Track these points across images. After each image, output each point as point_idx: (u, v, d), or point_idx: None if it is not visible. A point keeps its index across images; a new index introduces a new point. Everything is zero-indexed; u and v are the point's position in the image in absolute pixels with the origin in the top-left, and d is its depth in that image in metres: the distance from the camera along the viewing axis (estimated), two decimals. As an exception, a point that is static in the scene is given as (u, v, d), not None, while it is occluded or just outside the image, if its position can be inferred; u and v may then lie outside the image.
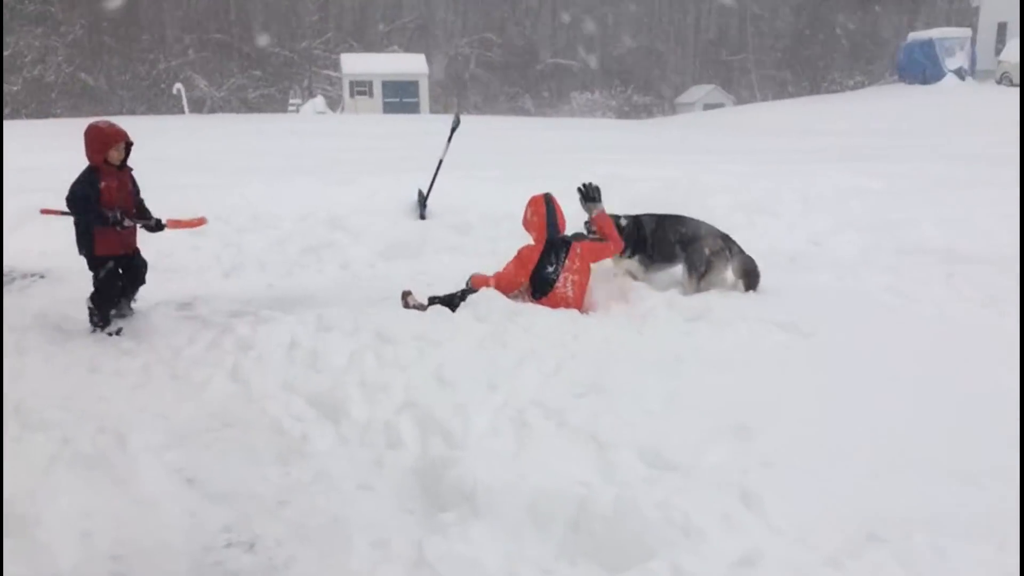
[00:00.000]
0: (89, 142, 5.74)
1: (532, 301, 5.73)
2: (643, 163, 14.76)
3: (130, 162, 5.99)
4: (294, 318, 6.04)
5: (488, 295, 5.58)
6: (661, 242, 6.36)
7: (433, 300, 6.08)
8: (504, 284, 5.69)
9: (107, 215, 5.75)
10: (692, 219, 6.57)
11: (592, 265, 5.96)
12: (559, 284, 5.70)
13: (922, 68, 36.18)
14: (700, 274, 6.20)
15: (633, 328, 5.23)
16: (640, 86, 62.42)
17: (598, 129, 26.87)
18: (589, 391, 4.32)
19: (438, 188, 9.68)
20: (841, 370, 4.50)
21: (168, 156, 16.06)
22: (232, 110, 51.52)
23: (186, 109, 37.56)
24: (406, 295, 6.26)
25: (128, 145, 5.97)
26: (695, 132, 26.13)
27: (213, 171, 13.70)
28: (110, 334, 5.87)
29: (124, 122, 6.58)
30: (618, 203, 10.60)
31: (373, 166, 13.08)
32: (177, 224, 6.31)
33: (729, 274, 6.28)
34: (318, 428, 4.24)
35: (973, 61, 36.49)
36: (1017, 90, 30.37)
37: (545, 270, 5.75)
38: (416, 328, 5.21)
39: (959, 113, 25.37)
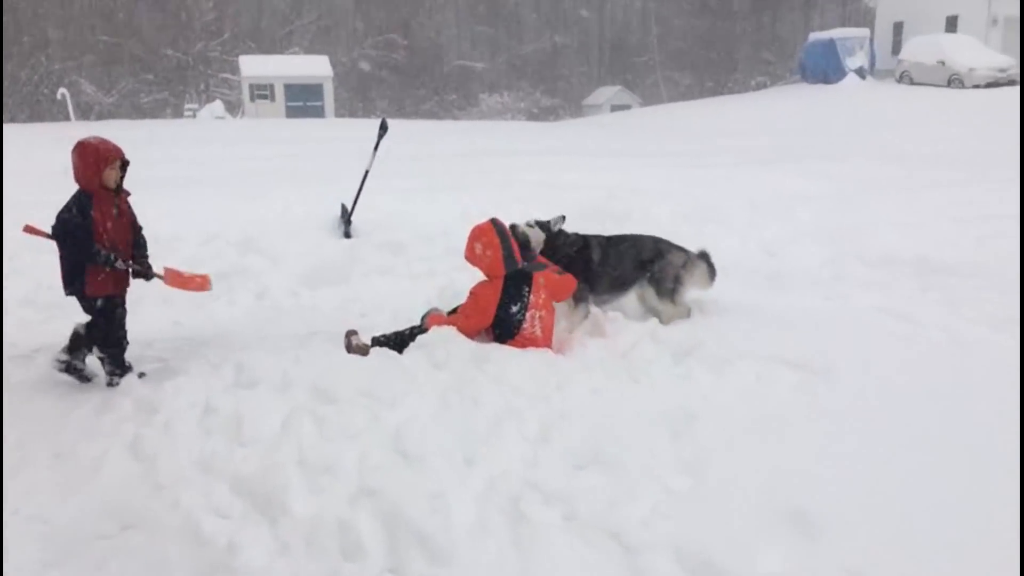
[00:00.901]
0: (80, 162, 4.83)
1: (493, 340, 4.89)
2: (572, 169, 14.10)
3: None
4: (208, 367, 5.04)
5: (445, 335, 4.70)
6: (614, 268, 5.59)
7: (377, 341, 5.17)
8: (465, 330, 4.80)
9: (99, 253, 4.82)
10: (642, 236, 5.85)
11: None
12: (526, 325, 4.85)
13: (824, 68, 36.83)
14: (672, 292, 5.48)
15: (621, 372, 4.43)
16: (548, 88, 62.15)
17: (513, 132, 26.16)
18: (591, 463, 3.50)
19: (360, 202, 8.71)
20: (889, 424, 3.76)
21: (50, 168, 14.55)
22: (123, 116, 48.70)
23: (72, 116, 35.07)
24: (350, 335, 5.33)
25: (124, 164, 5.01)
26: (611, 135, 25.69)
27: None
28: (140, 375, 5.12)
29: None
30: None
31: (285, 177, 11.98)
32: (178, 279, 5.32)
33: (700, 282, 5.61)
34: (249, 530, 3.29)
35: (872, 60, 37.34)
36: (919, 88, 31.26)
37: (508, 310, 4.82)
38: (362, 381, 4.29)
39: (869, 111, 25.69)
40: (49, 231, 4.91)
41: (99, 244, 4.86)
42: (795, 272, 7.65)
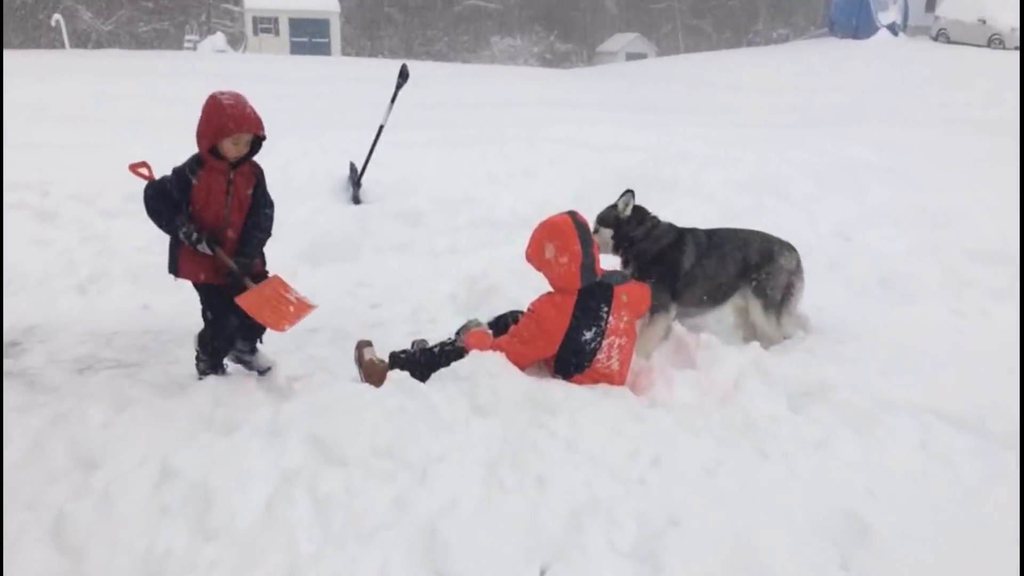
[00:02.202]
0: (201, 120, 3.84)
1: (553, 374, 3.70)
2: (602, 124, 12.76)
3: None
4: (174, 390, 3.89)
5: (490, 364, 3.51)
6: (714, 273, 4.37)
7: (397, 360, 3.99)
8: (518, 360, 3.61)
9: (179, 225, 3.85)
10: (748, 232, 4.63)
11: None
12: (601, 356, 3.68)
13: (854, 21, 35.03)
14: (779, 307, 4.29)
15: (735, 435, 3.24)
16: (562, 33, 59.94)
17: (532, 79, 24.62)
18: (724, 608, 2.35)
19: (372, 159, 7.45)
20: None
21: (41, 100, 13.24)
22: (121, 46, 46.83)
23: (67, 43, 33.39)
24: (362, 348, 4.15)
25: (257, 139, 3.96)
26: (632, 85, 24.15)
27: (87, 122, 11.05)
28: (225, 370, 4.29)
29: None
30: (599, 184, 8.66)
31: (287, 122, 10.64)
32: (270, 303, 4.01)
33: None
34: None
35: (906, 16, 35.56)
36: (957, 47, 29.60)
37: (581, 337, 3.59)
38: (380, 432, 3.12)
39: (908, 71, 24.15)
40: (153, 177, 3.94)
41: (193, 221, 3.88)
42: (879, 261, 6.46)
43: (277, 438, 3.18)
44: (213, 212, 3.88)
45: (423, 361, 3.88)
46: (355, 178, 7.33)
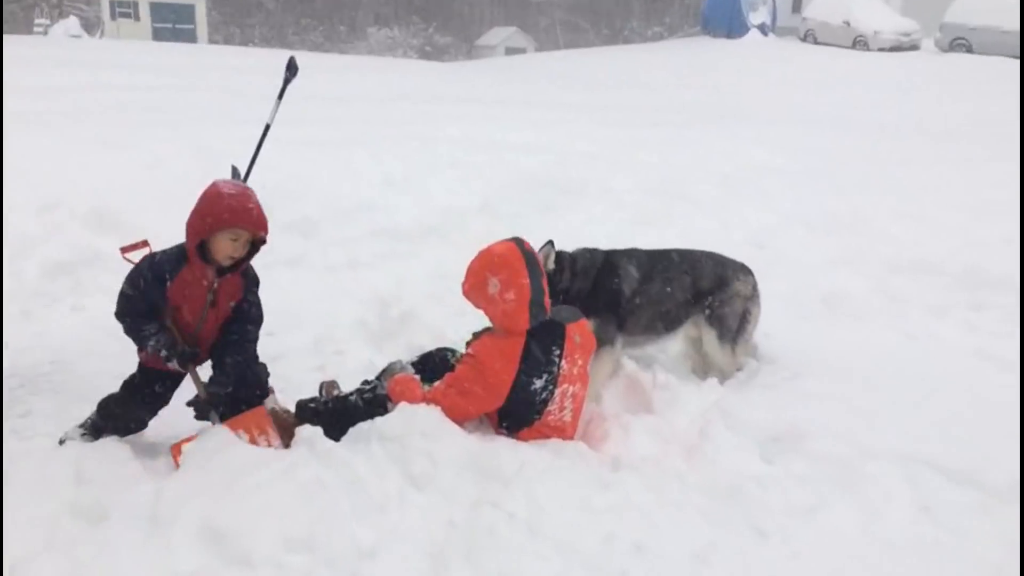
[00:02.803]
0: (195, 209, 3.18)
1: (497, 429, 3.16)
2: (496, 121, 12.27)
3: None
4: (20, 455, 3.14)
5: (422, 422, 2.94)
6: (659, 301, 3.92)
7: (306, 410, 3.36)
8: (456, 414, 3.04)
9: (146, 336, 3.20)
10: (696, 253, 4.16)
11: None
12: (553, 407, 3.11)
13: (727, 21, 35.91)
14: (735, 337, 3.89)
15: (722, 503, 2.77)
16: (440, 24, 59.14)
17: (414, 72, 23.90)
18: None
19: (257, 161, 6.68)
20: None
21: None
22: (-40, 27, 42.99)
23: None
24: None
25: (257, 242, 3.27)
26: (518, 80, 23.78)
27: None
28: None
29: None
30: (506, 188, 8.15)
31: (154, 117, 9.64)
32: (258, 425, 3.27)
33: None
34: None
35: (774, 17, 36.72)
36: (824, 47, 30.73)
37: (531, 386, 3.04)
38: (295, 519, 2.51)
39: (783, 70, 24.79)
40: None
41: (165, 320, 3.25)
42: (800, 272, 6.22)
43: (160, 529, 2.52)
44: (189, 318, 3.27)
45: (338, 412, 3.27)
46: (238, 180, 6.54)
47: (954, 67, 23.84)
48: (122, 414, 3.36)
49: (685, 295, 3.89)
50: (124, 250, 3.37)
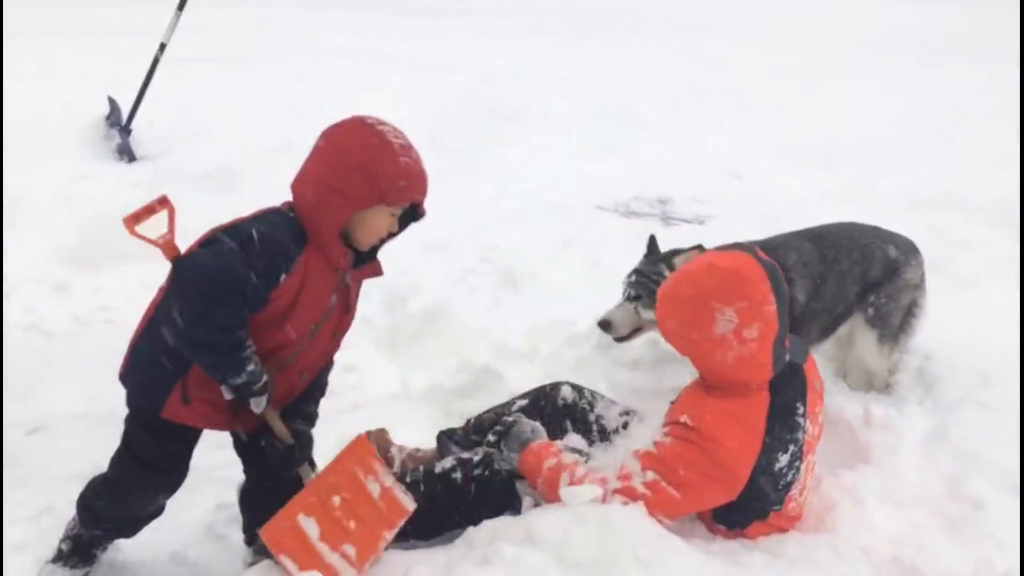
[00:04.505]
0: (342, 163, 1.90)
1: (711, 526, 2.16)
2: (404, 33, 10.67)
3: None
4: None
5: (629, 531, 1.86)
6: (832, 303, 2.94)
7: (412, 479, 2.18)
8: (668, 511, 1.99)
9: (247, 364, 1.83)
10: (861, 229, 3.15)
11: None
12: (795, 489, 2.11)
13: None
14: (898, 334, 3.01)
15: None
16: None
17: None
18: None
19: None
20: None
21: None
22: None
23: None
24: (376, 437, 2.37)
25: (415, 213, 2.06)
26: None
27: None
28: None
29: None
30: (442, 115, 6.81)
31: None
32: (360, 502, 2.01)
33: None
34: None
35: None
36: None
37: (775, 465, 2.02)
38: None
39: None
40: (171, 248, 1.85)
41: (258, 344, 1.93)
42: (802, 209, 5.42)
43: None
44: (289, 332, 1.97)
45: (432, 498, 2.11)
46: (118, 120, 5.00)
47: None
48: (131, 503, 2.11)
49: (856, 289, 2.94)
50: (134, 220, 1.89)
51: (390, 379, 2.82)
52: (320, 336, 2.04)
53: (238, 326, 1.81)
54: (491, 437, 2.20)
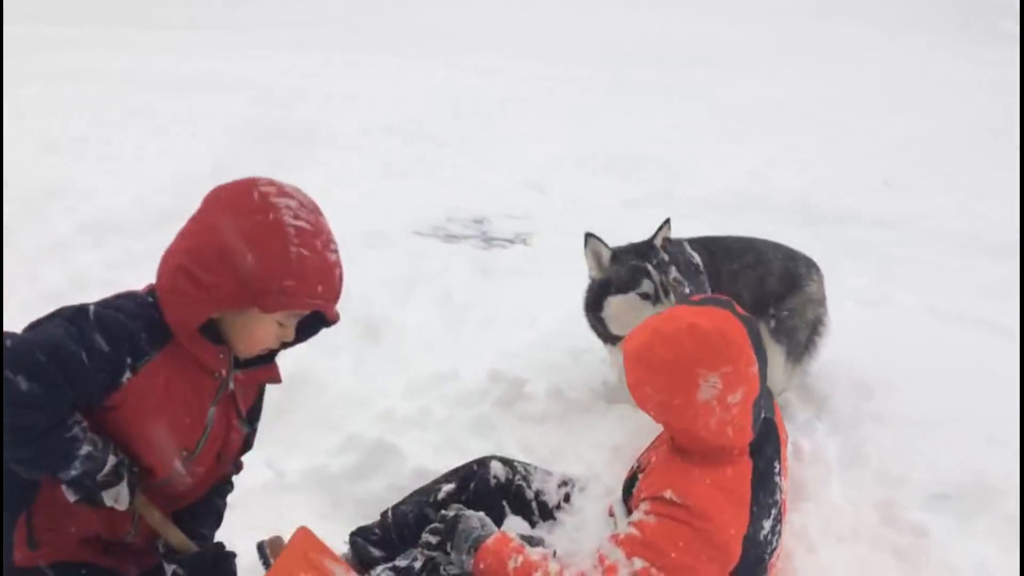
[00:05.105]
0: (220, 247, 1.45)
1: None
2: (145, 47, 9.58)
3: None
4: None
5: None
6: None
7: None
8: None
9: (75, 447, 1.37)
10: (759, 242, 3.10)
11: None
12: (774, 556, 1.91)
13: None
14: (805, 351, 2.96)
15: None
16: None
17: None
18: None
19: None
20: None
21: None
22: None
23: None
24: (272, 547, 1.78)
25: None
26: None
27: None
28: None
29: None
30: (235, 143, 6.11)
31: None
32: None
33: None
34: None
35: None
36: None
37: (761, 532, 1.80)
38: None
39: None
40: None
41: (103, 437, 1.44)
42: (614, 218, 5.47)
43: None
44: (149, 461, 1.54)
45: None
46: None
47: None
48: None
49: (748, 296, 2.84)
50: None
51: (257, 468, 2.36)
52: (200, 461, 1.59)
53: (56, 403, 1.36)
54: (430, 538, 1.84)
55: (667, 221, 2.68)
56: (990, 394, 3.02)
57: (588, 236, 2.70)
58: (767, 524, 1.83)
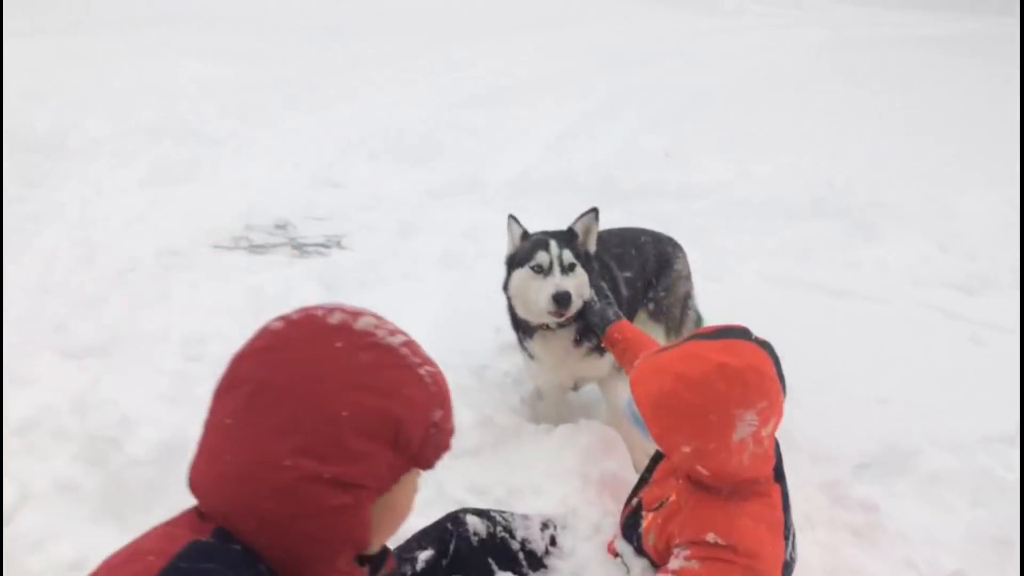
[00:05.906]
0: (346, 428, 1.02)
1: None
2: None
3: None
4: None
5: None
6: (633, 296, 2.78)
7: None
8: None
9: None
10: (629, 229, 3.09)
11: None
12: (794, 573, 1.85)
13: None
14: (679, 330, 2.97)
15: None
16: None
17: None
18: None
19: None
20: None
21: None
22: None
23: None
24: None
25: None
26: None
27: None
28: None
29: None
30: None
31: None
32: None
33: None
34: None
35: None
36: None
37: (787, 553, 1.73)
38: None
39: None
40: None
41: None
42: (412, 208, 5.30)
43: None
44: None
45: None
46: None
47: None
48: None
49: (639, 281, 2.80)
50: None
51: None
52: None
53: None
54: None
55: (594, 210, 2.53)
56: (852, 354, 3.21)
57: (510, 217, 2.53)
58: (790, 545, 1.77)
